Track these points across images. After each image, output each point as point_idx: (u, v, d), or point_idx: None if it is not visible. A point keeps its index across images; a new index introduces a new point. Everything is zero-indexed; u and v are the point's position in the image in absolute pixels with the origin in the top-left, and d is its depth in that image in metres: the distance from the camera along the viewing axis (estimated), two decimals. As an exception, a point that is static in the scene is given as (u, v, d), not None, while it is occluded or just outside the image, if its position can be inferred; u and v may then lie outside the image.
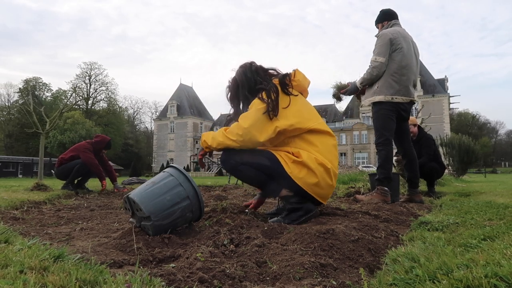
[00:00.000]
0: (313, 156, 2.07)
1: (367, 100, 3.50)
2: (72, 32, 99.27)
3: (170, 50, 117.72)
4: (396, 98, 3.34)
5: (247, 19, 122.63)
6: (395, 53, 3.33)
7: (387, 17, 3.60)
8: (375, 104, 3.42)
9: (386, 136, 3.38)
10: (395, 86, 3.34)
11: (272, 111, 2.05)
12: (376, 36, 3.54)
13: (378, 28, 3.65)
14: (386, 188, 3.25)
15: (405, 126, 3.54)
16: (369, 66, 3.39)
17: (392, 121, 3.38)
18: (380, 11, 3.65)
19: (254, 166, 2.09)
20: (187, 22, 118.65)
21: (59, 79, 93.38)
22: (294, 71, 2.26)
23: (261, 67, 2.30)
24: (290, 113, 2.10)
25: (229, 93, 2.33)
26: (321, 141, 2.14)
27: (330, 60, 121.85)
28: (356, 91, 3.59)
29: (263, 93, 2.11)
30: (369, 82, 3.43)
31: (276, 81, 2.20)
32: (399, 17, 3.63)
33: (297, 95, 2.19)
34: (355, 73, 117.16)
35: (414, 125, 5.15)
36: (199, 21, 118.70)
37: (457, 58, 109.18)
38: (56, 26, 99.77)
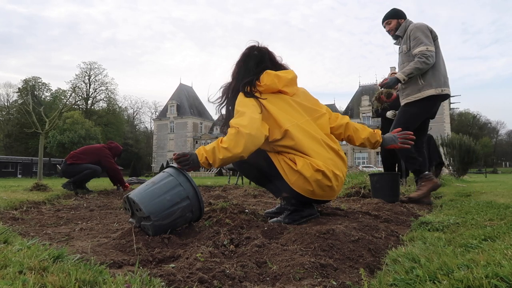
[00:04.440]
0: (308, 162, 1.97)
1: (412, 97, 3.35)
2: (63, 36, 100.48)
3: (160, 53, 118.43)
4: (444, 90, 3.25)
5: (232, 24, 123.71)
6: (435, 43, 3.26)
7: (403, 15, 3.55)
8: (417, 101, 3.30)
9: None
10: (441, 78, 3.25)
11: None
12: (397, 34, 3.49)
13: (388, 24, 3.57)
14: (427, 172, 3.28)
15: (427, 124, 3.48)
16: (422, 55, 3.20)
17: (419, 121, 3.32)
18: (393, 9, 3.60)
19: (256, 166, 2.08)
20: (174, 27, 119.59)
21: (54, 81, 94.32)
22: (263, 74, 2.13)
23: (271, 59, 2.23)
24: (269, 121, 2.03)
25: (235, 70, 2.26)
26: (313, 145, 2.02)
27: (319, 62, 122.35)
28: (396, 84, 3.42)
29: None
30: (419, 73, 3.26)
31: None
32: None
33: (265, 98, 2.07)
34: (343, 75, 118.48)
35: None
36: (186, 26, 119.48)
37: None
38: (47, 30, 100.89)
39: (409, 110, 3.36)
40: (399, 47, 3.54)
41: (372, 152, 51.44)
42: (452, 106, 52.42)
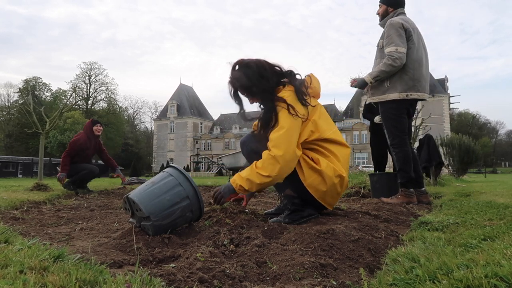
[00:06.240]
0: (332, 165, 2.02)
1: (376, 98, 3.26)
2: (63, 36, 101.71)
3: (160, 53, 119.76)
4: (411, 95, 3.12)
5: (231, 24, 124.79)
6: (408, 44, 3.11)
7: (395, 4, 3.32)
8: (384, 103, 3.22)
9: (400, 136, 3.21)
10: (409, 82, 3.12)
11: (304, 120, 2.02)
12: (380, 24, 3.36)
13: (380, 7, 3.38)
14: (410, 190, 3.20)
15: (409, 124, 3.39)
16: (389, 57, 3.06)
17: (404, 119, 3.22)
18: None
19: None
20: (173, 27, 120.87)
21: (54, 81, 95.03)
22: (309, 76, 2.16)
23: (269, 65, 2.11)
24: (307, 125, 2.05)
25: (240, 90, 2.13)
26: (339, 150, 2.10)
27: (318, 63, 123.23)
28: (365, 86, 3.34)
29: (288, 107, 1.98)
30: (387, 75, 3.13)
31: (291, 88, 2.06)
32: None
33: (314, 106, 2.09)
34: (343, 75, 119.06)
35: None
36: (185, 26, 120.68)
37: (441, 61, 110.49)
38: (47, 30, 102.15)
39: (385, 111, 3.26)
40: (378, 40, 3.38)
41: (372, 152, 51.40)
42: (451, 106, 52.45)
